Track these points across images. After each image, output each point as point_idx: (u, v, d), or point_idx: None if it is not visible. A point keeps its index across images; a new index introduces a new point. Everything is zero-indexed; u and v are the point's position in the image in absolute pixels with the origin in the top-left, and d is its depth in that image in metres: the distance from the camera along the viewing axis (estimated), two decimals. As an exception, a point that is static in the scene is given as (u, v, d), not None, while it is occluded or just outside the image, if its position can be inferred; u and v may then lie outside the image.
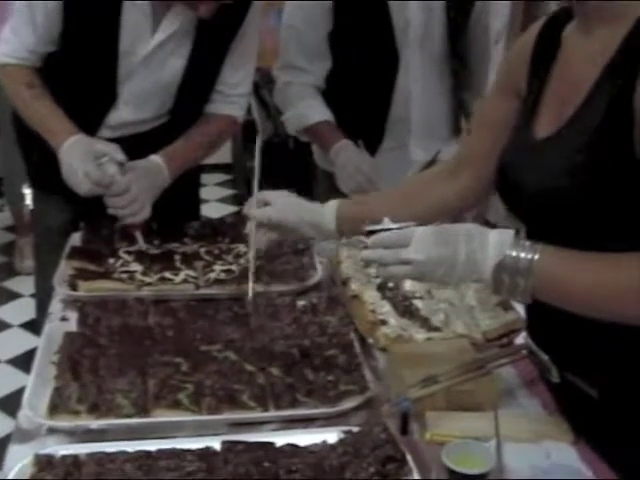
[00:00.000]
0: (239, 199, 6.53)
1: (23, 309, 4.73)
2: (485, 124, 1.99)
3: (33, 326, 3.83)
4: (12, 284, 5.22)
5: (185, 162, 2.61)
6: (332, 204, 2.12)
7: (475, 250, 1.58)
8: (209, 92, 2.67)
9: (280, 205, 2.13)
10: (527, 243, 1.56)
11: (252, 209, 2.15)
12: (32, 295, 3.23)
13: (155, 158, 2.50)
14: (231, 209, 6.42)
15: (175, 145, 2.58)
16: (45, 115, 2.47)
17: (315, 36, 2.92)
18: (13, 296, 5.07)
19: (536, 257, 1.53)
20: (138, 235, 2.43)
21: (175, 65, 2.54)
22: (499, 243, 1.57)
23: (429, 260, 1.59)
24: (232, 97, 2.70)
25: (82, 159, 2.31)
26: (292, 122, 3.06)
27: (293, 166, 6.06)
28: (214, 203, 6.56)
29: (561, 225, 1.60)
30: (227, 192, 6.81)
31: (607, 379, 1.65)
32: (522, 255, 1.54)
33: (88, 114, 2.53)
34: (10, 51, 2.49)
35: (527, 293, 1.56)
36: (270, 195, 2.16)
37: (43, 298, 2.49)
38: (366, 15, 2.84)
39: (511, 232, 1.58)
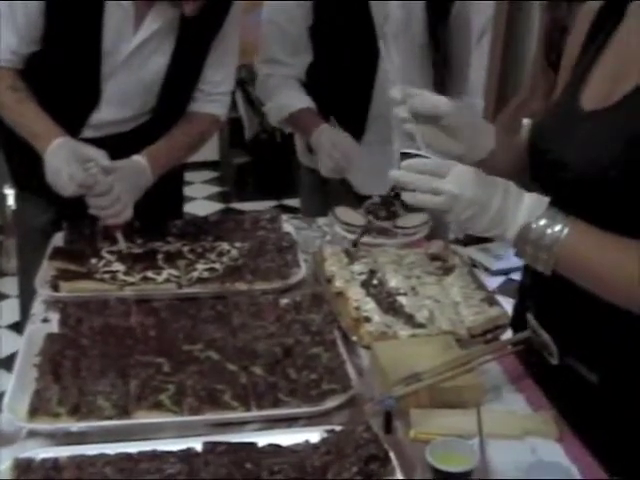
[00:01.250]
0: (226, 197, 6.54)
1: (9, 310, 4.73)
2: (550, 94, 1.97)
3: (20, 327, 3.81)
4: (-1, 285, 5.23)
5: (168, 162, 2.59)
6: None
7: (508, 206, 1.56)
8: (191, 91, 2.65)
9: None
10: (557, 216, 1.54)
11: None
12: (19, 296, 3.22)
13: (138, 158, 2.47)
14: (218, 206, 6.42)
15: (158, 145, 2.56)
16: (30, 118, 2.44)
17: (295, 30, 2.92)
18: (0, 297, 5.06)
19: (563, 234, 1.52)
20: (119, 236, 2.40)
21: (157, 63, 2.53)
22: (532, 207, 1.55)
23: (462, 196, 1.55)
24: (214, 95, 2.69)
25: (67, 161, 2.28)
26: (273, 112, 3.06)
27: (281, 161, 6.07)
28: (201, 201, 6.55)
29: (599, 200, 1.58)
30: (214, 189, 6.80)
31: (608, 366, 1.65)
32: (548, 231, 1.53)
33: (71, 114, 2.51)
34: None
35: (549, 266, 1.55)
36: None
37: (27, 299, 2.47)
38: (346, 9, 2.84)
39: (546, 200, 1.57)
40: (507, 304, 2.16)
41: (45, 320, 2.12)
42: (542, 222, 1.54)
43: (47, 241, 2.52)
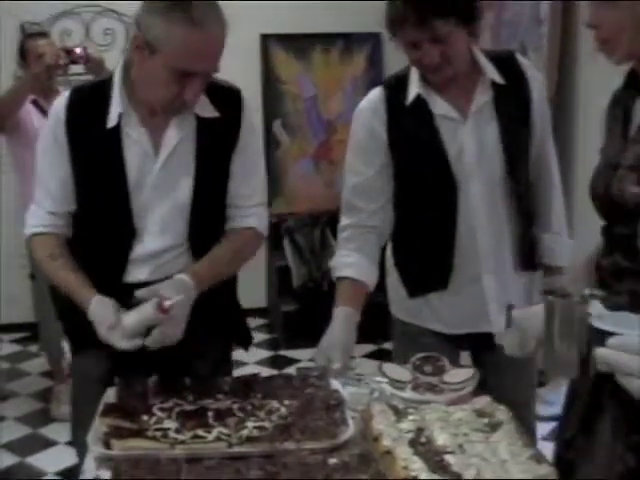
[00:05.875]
0: (274, 344, 6.58)
1: (59, 457, 4.72)
2: None
3: (69, 474, 3.83)
4: (48, 431, 5.24)
5: (211, 279, 2.69)
6: None
7: None
8: (223, 209, 2.77)
9: None
10: None
11: None
12: (68, 442, 3.25)
13: (182, 277, 2.59)
14: (267, 354, 6.44)
15: (201, 263, 2.70)
16: (69, 284, 2.64)
17: (368, 178, 2.97)
18: (49, 443, 5.07)
19: None
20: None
21: (185, 186, 2.67)
22: None
23: None
24: (247, 209, 2.79)
25: (110, 314, 2.48)
26: (332, 271, 3.07)
27: (326, 309, 6.09)
28: (250, 348, 6.55)
29: None
30: (263, 337, 6.83)
31: None
32: None
33: (114, 251, 2.71)
34: (36, 221, 2.71)
35: None
36: None
37: (82, 449, 2.51)
38: (418, 149, 2.90)
39: None
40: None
41: (97, 479, 2.16)
42: None
43: (102, 390, 2.59)
